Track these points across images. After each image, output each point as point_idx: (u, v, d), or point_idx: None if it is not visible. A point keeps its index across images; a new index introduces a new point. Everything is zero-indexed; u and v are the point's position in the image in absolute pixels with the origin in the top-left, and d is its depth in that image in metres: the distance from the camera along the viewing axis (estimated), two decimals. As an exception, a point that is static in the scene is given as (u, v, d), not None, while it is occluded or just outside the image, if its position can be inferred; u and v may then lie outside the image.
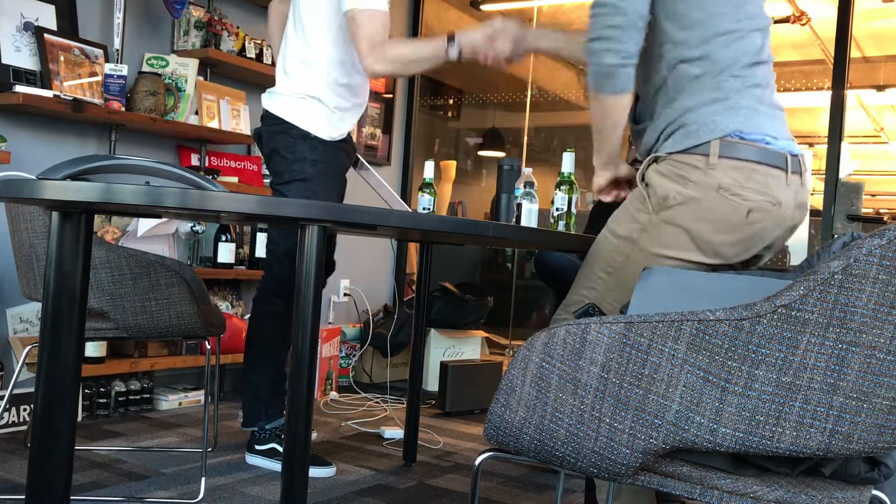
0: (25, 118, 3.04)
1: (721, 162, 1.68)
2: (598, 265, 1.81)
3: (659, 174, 1.74)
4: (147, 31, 3.49)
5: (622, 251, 1.78)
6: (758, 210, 1.69)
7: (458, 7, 5.66)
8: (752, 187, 1.68)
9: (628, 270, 1.75)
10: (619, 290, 1.76)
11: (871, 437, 1.03)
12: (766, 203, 1.70)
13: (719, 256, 1.74)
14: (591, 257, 1.85)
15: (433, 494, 2.52)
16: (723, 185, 1.68)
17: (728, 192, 1.68)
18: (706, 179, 1.69)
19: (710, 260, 1.74)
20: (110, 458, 2.65)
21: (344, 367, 4.31)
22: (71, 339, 1.46)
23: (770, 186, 1.69)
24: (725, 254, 1.74)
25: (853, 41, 3.80)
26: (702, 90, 1.73)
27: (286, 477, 1.44)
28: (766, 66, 1.81)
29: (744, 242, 1.73)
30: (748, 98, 1.73)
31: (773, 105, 1.79)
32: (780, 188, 1.71)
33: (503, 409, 1.17)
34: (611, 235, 1.82)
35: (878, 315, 0.99)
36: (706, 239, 1.71)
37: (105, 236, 3.19)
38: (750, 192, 1.68)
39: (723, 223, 1.70)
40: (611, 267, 1.79)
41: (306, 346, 1.43)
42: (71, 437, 1.48)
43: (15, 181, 1.29)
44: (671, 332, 1.06)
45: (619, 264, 1.77)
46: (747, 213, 1.69)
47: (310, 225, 1.42)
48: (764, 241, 1.75)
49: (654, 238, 1.74)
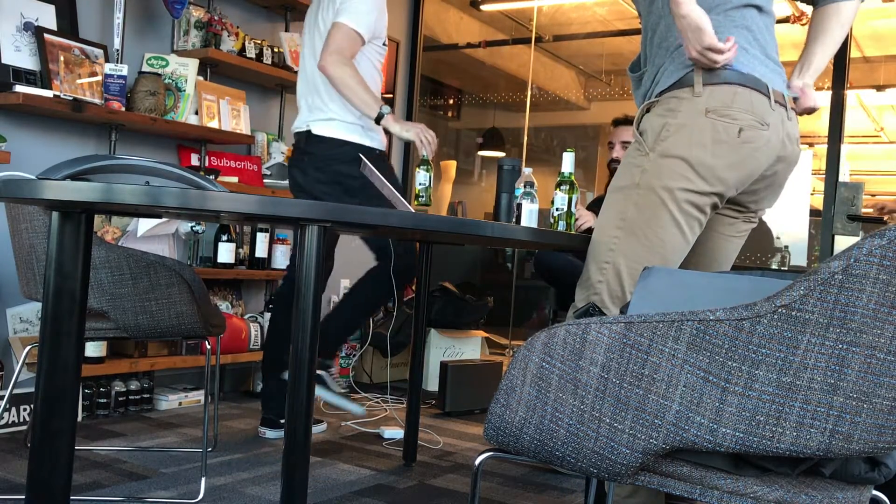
0: (25, 118, 3.04)
1: (705, 89, 1.75)
2: (610, 224, 1.83)
3: (651, 116, 1.82)
4: (147, 31, 3.49)
5: (629, 199, 1.81)
6: (748, 128, 1.74)
7: (458, 7, 5.66)
8: (739, 107, 1.74)
9: (640, 218, 1.79)
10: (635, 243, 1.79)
11: (872, 437, 1.03)
12: (755, 122, 1.75)
13: (722, 183, 1.77)
14: (601, 222, 1.87)
15: (433, 494, 2.52)
16: (710, 108, 1.74)
17: (716, 114, 1.74)
18: (693, 106, 1.75)
19: (715, 188, 1.77)
20: (110, 458, 2.65)
21: (344, 367, 4.31)
22: (71, 339, 1.46)
23: (756, 106, 1.75)
24: (727, 179, 1.77)
25: (853, 41, 3.80)
26: None
27: (286, 477, 1.44)
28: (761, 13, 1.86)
29: (741, 166, 1.77)
30: (737, 37, 1.77)
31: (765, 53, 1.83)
32: (765, 110, 1.76)
33: (503, 409, 1.17)
34: (613, 192, 1.85)
35: (878, 315, 0.99)
36: (706, 163, 1.75)
37: (105, 236, 3.19)
38: (737, 112, 1.74)
39: (717, 145, 1.74)
40: (622, 220, 1.81)
41: (306, 346, 1.43)
42: (71, 437, 1.48)
43: (15, 181, 1.29)
44: (671, 332, 1.06)
45: (631, 215, 1.80)
46: (739, 132, 1.74)
47: (310, 225, 1.42)
48: (759, 164, 1.79)
49: (656, 174, 1.78)
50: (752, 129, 1.74)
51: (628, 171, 1.83)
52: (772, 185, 1.90)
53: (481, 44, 5.76)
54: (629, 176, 1.82)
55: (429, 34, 5.18)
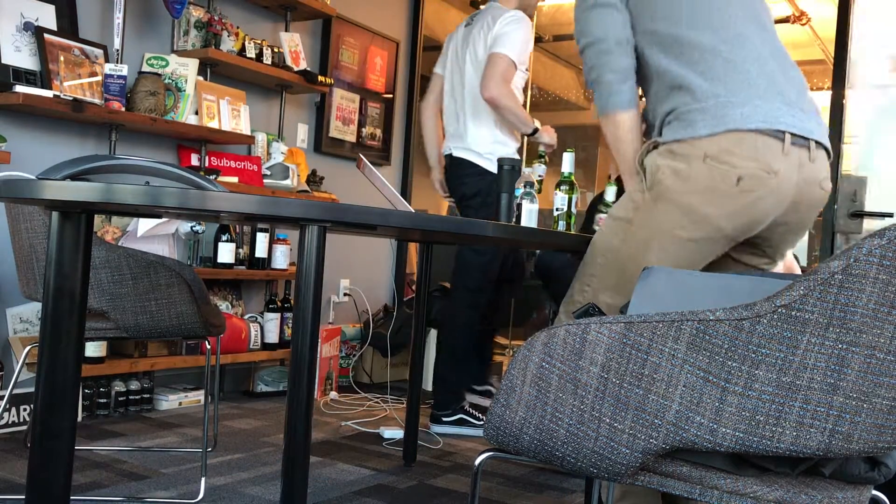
0: (25, 118, 3.04)
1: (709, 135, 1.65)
2: (598, 250, 1.80)
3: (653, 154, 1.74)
4: (147, 31, 3.49)
5: (618, 233, 1.75)
6: (750, 178, 1.62)
7: (459, 7, 5.66)
8: (742, 153, 1.62)
9: (624, 253, 1.72)
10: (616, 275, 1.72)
11: (871, 437, 1.03)
12: (759, 170, 1.62)
13: (720, 231, 1.67)
14: (592, 244, 1.84)
15: (433, 494, 2.52)
16: (709, 154, 1.64)
17: (715, 161, 1.63)
18: (692, 150, 1.66)
19: (711, 234, 1.67)
20: (110, 458, 2.65)
21: (344, 367, 4.31)
22: (71, 339, 1.46)
23: (762, 152, 1.62)
24: (724, 228, 1.67)
25: (853, 41, 3.80)
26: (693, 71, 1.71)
27: (286, 477, 1.44)
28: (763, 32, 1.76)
29: (741, 215, 1.66)
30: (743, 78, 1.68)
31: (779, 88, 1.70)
32: (774, 156, 1.63)
33: (503, 409, 1.17)
34: (610, 219, 1.81)
35: (878, 315, 0.99)
36: (700, 212, 1.65)
37: (105, 236, 3.19)
38: (739, 159, 1.62)
39: (713, 193, 1.64)
40: (609, 251, 1.76)
41: (306, 346, 1.43)
42: (71, 437, 1.48)
43: (15, 181, 1.29)
44: (671, 332, 1.06)
45: (616, 247, 1.74)
46: (738, 180, 1.62)
47: (310, 225, 1.42)
48: (765, 213, 1.67)
49: (649, 215, 1.71)
50: (754, 178, 1.62)
51: (627, 203, 1.78)
52: (789, 231, 1.78)
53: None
54: (625, 209, 1.77)
55: (429, 34, 5.18)
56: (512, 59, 3.17)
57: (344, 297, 4.53)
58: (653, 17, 1.77)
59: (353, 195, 4.53)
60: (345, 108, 4.51)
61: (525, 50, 3.26)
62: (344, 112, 4.50)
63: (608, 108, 1.81)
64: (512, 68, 3.19)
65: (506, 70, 3.16)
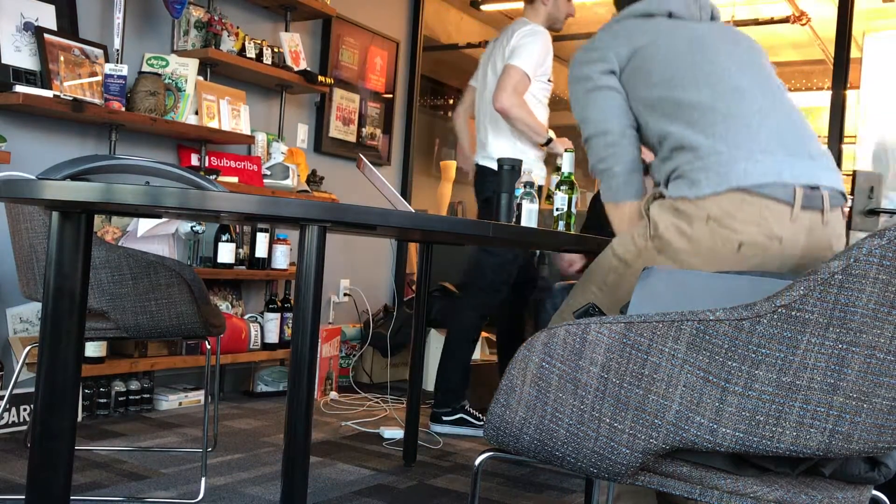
0: (25, 118, 3.04)
1: (712, 195, 1.59)
2: (595, 280, 1.80)
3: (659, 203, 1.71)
4: (147, 31, 3.49)
5: (617, 271, 1.75)
6: (751, 244, 1.56)
7: (459, 7, 5.66)
8: (744, 217, 1.56)
9: (619, 291, 1.72)
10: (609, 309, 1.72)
11: (871, 437, 1.03)
12: (762, 237, 1.56)
13: None
14: (591, 270, 1.83)
15: (433, 494, 2.52)
16: (712, 216, 1.58)
17: (718, 224, 1.58)
18: (696, 211, 1.61)
19: None
20: (110, 458, 2.65)
21: (344, 367, 4.31)
22: (71, 339, 1.46)
23: (766, 218, 1.55)
24: None
25: (853, 41, 3.80)
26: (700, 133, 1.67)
27: (286, 477, 1.44)
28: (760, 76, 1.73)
29: None
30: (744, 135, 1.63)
31: (784, 142, 1.63)
32: (780, 222, 1.55)
33: (503, 409, 1.17)
34: (611, 253, 1.80)
35: (878, 315, 0.99)
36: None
37: (105, 236, 3.19)
38: (741, 224, 1.56)
39: (712, 257, 1.59)
40: (605, 284, 1.76)
41: (306, 346, 1.43)
42: (71, 437, 1.48)
43: (15, 181, 1.29)
44: (671, 332, 1.06)
45: (613, 283, 1.74)
46: (739, 247, 1.57)
47: (310, 225, 1.42)
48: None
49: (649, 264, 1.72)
50: (755, 245, 1.56)
51: (629, 242, 1.76)
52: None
53: (481, 44, 5.76)
54: (626, 249, 1.75)
55: (429, 34, 5.18)
56: (525, 71, 3.21)
57: (344, 297, 4.53)
58: (647, 84, 1.76)
59: (353, 195, 4.53)
60: (345, 108, 4.51)
61: (542, 62, 3.29)
62: (344, 112, 4.50)
63: (618, 198, 1.84)
64: (525, 80, 3.23)
65: (518, 82, 3.20)
